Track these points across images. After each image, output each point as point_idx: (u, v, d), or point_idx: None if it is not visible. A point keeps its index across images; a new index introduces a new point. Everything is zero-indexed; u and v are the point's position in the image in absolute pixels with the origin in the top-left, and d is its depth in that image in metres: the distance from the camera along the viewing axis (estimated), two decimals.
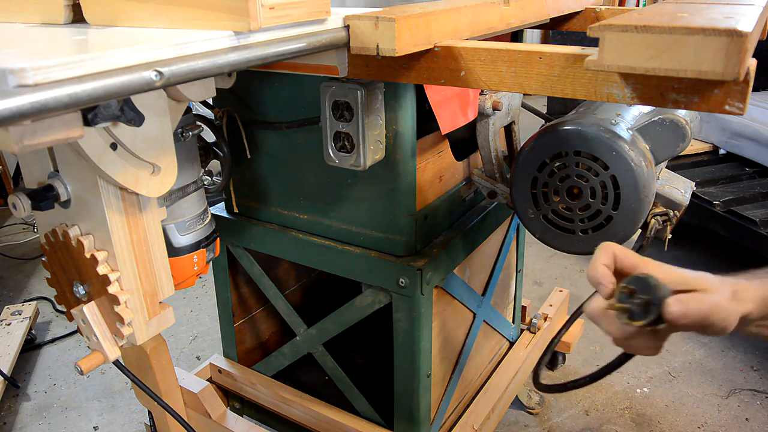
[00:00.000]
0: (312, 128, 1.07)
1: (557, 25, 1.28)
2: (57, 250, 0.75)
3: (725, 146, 2.59)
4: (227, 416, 1.31)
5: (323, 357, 1.26)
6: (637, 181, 0.89)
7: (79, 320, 0.74)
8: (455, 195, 1.20)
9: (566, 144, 0.93)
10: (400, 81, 0.74)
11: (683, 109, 0.70)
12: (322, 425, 1.28)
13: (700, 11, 0.60)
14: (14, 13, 0.74)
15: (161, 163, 0.69)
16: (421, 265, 1.04)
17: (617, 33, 0.54)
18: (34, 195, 0.69)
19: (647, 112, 0.97)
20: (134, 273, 0.74)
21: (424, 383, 1.14)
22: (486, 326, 1.43)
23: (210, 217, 0.98)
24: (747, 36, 0.49)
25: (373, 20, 0.66)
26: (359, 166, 0.94)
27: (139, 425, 1.75)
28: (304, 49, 0.63)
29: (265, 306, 1.48)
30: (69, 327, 2.21)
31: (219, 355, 1.47)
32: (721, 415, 1.73)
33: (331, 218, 1.13)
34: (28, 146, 0.44)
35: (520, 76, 0.65)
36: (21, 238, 2.94)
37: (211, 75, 0.54)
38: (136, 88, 0.47)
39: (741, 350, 2.00)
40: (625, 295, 0.61)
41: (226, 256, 1.32)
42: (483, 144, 1.11)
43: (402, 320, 1.09)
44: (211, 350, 2.08)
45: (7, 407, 1.82)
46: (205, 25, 0.60)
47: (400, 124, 0.98)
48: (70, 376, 1.96)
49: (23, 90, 0.40)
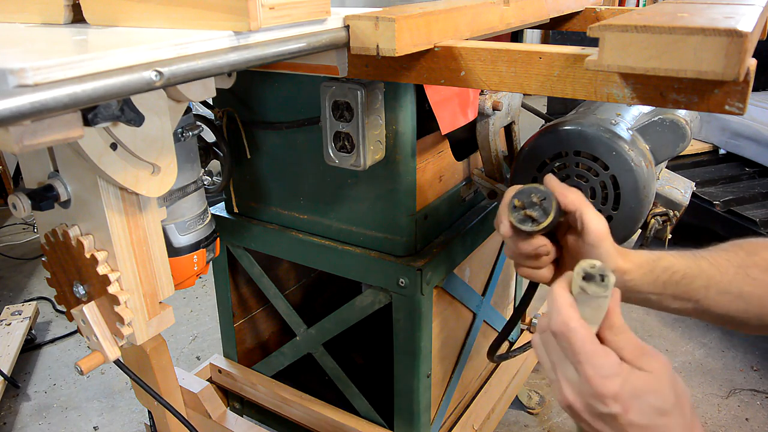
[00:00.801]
0: (312, 128, 1.07)
1: (557, 25, 1.28)
2: (57, 250, 0.75)
3: (725, 146, 2.59)
4: (227, 416, 1.31)
5: (323, 357, 1.26)
6: (637, 181, 0.89)
7: (79, 320, 0.74)
8: (455, 195, 1.20)
9: (566, 144, 0.93)
10: (400, 81, 0.74)
11: (683, 109, 0.70)
12: (322, 425, 1.28)
13: (700, 11, 0.60)
14: (14, 13, 0.74)
15: (161, 163, 0.69)
16: (421, 265, 1.04)
17: (617, 33, 0.54)
18: (34, 195, 0.69)
19: (647, 112, 0.97)
20: (134, 273, 0.74)
21: (424, 383, 1.14)
22: (486, 326, 1.43)
23: (210, 217, 0.98)
24: (747, 36, 0.49)
25: (373, 20, 0.66)
26: (359, 166, 0.94)
27: (139, 425, 1.75)
28: (304, 49, 0.63)
29: (265, 306, 1.48)
30: (69, 327, 2.21)
31: (219, 355, 1.47)
32: (721, 415, 1.73)
33: (331, 218, 1.13)
34: (28, 146, 0.44)
35: (520, 76, 0.65)
36: (21, 238, 2.94)
37: (211, 75, 0.54)
38: (136, 88, 0.47)
39: (741, 350, 2.00)
40: (516, 210, 0.68)
41: (226, 256, 1.32)
42: (483, 144, 1.11)
43: (402, 320, 1.09)
44: (211, 350, 2.08)
45: (7, 407, 1.82)
46: (205, 25, 0.60)
47: (400, 124, 0.98)
48: (70, 376, 1.96)
49: (23, 90, 0.40)
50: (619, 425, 0.48)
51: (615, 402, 0.48)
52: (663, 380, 0.49)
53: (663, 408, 0.48)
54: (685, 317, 2.25)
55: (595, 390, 0.48)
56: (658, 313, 2.21)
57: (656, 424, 0.48)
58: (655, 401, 0.48)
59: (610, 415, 0.48)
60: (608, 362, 0.49)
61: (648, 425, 0.48)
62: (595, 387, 0.48)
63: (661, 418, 0.48)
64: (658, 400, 0.48)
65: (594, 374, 0.48)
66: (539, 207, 0.66)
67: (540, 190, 0.66)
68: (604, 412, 0.48)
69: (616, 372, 0.48)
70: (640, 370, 0.49)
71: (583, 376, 0.49)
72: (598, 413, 0.49)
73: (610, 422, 0.49)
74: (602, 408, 0.48)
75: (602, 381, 0.48)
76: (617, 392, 0.48)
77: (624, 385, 0.48)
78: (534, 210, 0.66)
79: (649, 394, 0.48)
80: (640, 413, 0.48)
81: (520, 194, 0.67)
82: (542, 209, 0.66)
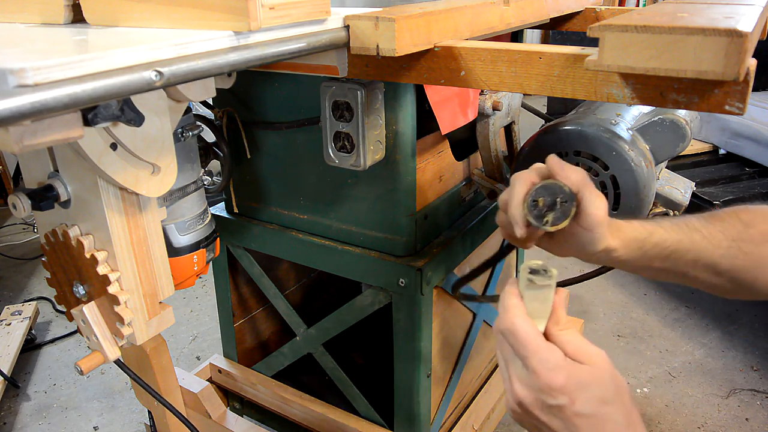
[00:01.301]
0: (312, 128, 1.07)
1: (557, 25, 1.28)
2: (57, 250, 0.75)
3: (725, 146, 2.59)
4: (227, 416, 1.31)
5: (323, 357, 1.26)
6: (637, 181, 0.89)
7: (79, 320, 0.74)
8: (455, 195, 1.20)
9: (566, 144, 0.93)
10: (400, 81, 0.74)
11: (683, 109, 0.70)
12: (322, 425, 1.28)
13: (700, 11, 0.60)
14: (14, 13, 0.74)
15: (161, 163, 0.69)
16: (421, 265, 1.04)
17: (617, 33, 0.54)
18: (34, 195, 0.69)
19: (647, 112, 0.97)
20: (134, 273, 0.74)
21: (424, 383, 1.14)
22: (486, 326, 1.43)
23: (210, 217, 0.98)
24: (747, 36, 0.49)
25: (373, 20, 0.66)
26: (359, 166, 0.94)
27: (139, 425, 1.75)
28: (304, 49, 0.63)
29: (265, 306, 1.48)
30: (69, 327, 2.21)
31: (219, 355, 1.47)
32: (721, 415, 1.73)
33: (331, 218, 1.13)
34: (28, 146, 0.44)
35: (520, 76, 0.65)
36: (21, 238, 2.94)
37: (211, 75, 0.54)
38: (136, 88, 0.47)
39: (741, 350, 2.00)
40: (535, 207, 0.65)
41: (226, 256, 1.32)
42: (483, 144, 1.11)
43: (402, 320, 1.09)
44: (211, 350, 2.08)
45: (7, 407, 1.82)
46: (205, 25, 0.60)
47: (400, 124, 0.98)
48: (70, 376, 1.96)
49: (23, 90, 0.40)
50: (566, 416, 0.51)
51: (562, 394, 0.51)
52: (604, 372, 0.52)
53: (605, 397, 0.51)
54: (685, 318, 2.24)
55: (542, 383, 0.51)
56: (658, 313, 2.21)
57: (600, 412, 0.51)
58: (598, 392, 0.51)
59: (557, 407, 0.51)
60: (553, 356, 0.52)
61: (593, 414, 0.51)
62: (542, 380, 0.51)
63: (605, 407, 0.51)
64: (601, 391, 0.51)
65: (541, 368, 0.51)
66: (559, 208, 0.64)
67: (565, 192, 0.64)
68: (552, 404, 0.51)
69: (561, 366, 0.51)
70: (582, 364, 0.52)
71: (530, 371, 0.52)
72: (547, 405, 0.52)
73: (557, 413, 0.52)
74: (550, 400, 0.51)
75: (549, 374, 0.51)
76: (563, 384, 0.51)
77: (569, 377, 0.51)
78: (553, 210, 0.64)
79: (592, 385, 0.51)
80: (585, 403, 0.51)
81: (542, 191, 0.65)
82: (562, 211, 0.64)
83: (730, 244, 0.70)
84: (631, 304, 2.27)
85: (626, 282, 2.42)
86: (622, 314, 2.21)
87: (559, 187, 0.64)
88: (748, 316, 2.17)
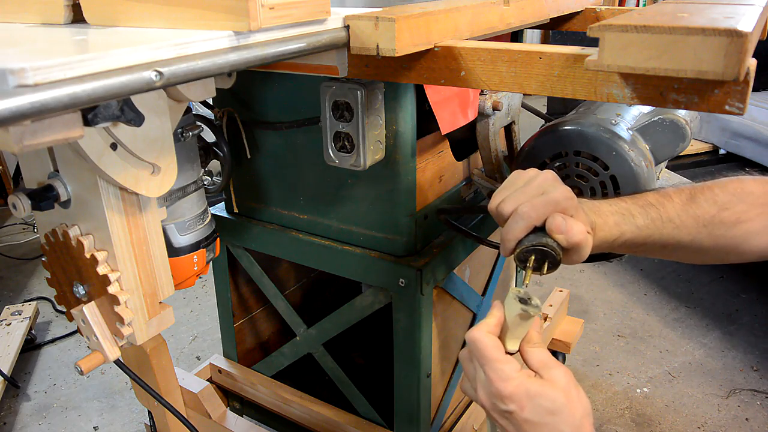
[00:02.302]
0: (312, 128, 1.07)
1: (557, 25, 1.28)
2: (57, 250, 0.75)
3: (725, 146, 2.59)
4: (227, 416, 1.31)
5: (323, 357, 1.26)
6: (637, 181, 0.89)
7: (79, 320, 0.74)
8: (455, 195, 1.20)
9: (566, 144, 0.93)
10: (400, 81, 0.74)
11: (683, 109, 0.70)
12: (322, 425, 1.28)
13: (700, 11, 0.60)
14: (14, 13, 0.74)
15: (161, 163, 0.69)
16: (421, 265, 1.04)
17: (617, 33, 0.54)
18: (34, 195, 0.69)
19: (647, 112, 0.97)
20: (134, 273, 0.74)
21: (424, 383, 1.14)
22: None
23: (210, 217, 0.98)
24: (747, 36, 0.49)
25: (373, 20, 0.66)
26: (359, 166, 0.94)
27: (139, 425, 1.75)
28: (304, 50, 0.63)
29: (265, 306, 1.48)
30: (69, 327, 2.21)
31: (219, 355, 1.47)
32: (721, 415, 1.73)
33: (331, 218, 1.13)
34: (28, 146, 0.44)
35: (520, 76, 0.65)
36: (21, 238, 2.94)
37: (211, 75, 0.54)
38: (136, 88, 0.47)
39: (741, 350, 2.00)
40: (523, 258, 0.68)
41: (226, 256, 1.32)
42: (483, 144, 1.11)
43: (402, 320, 1.09)
44: (211, 350, 2.08)
45: (7, 407, 1.82)
46: (205, 25, 0.60)
47: (400, 124, 0.98)
48: (70, 376, 1.96)
49: (23, 90, 0.40)
50: (516, 421, 0.58)
51: (511, 401, 0.57)
52: (556, 387, 0.58)
53: (552, 409, 0.57)
54: (685, 318, 2.24)
55: (495, 390, 0.58)
56: (658, 313, 2.21)
57: (546, 422, 0.57)
58: (544, 403, 0.57)
59: (508, 412, 0.58)
60: (508, 368, 0.58)
61: (540, 422, 0.57)
62: (495, 387, 0.58)
63: (551, 417, 0.57)
64: (548, 402, 0.57)
65: (495, 377, 0.58)
66: (550, 262, 0.66)
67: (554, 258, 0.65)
68: (504, 409, 0.58)
69: (514, 377, 0.58)
70: (537, 377, 0.59)
71: (487, 378, 0.59)
72: (500, 410, 0.59)
73: (509, 418, 0.58)
74: (502, 405, 0.58)
75: (501, 383, 0.58)
76: (512, 393, 0.57)
77: (518, 387, 0.57)
78: (544, 262, 0.67)
79: (540, 396, 0.57)
80: (532, 412, 0.57)
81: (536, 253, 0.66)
82: (551, 263, 0.66)
83: (700, 230, 0.74)
84: (631, 304, 2.27)
85: (626, 282, 2.42)
86: (622, 314, 2.21)
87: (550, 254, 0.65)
88: (748, 316, 2.17)
